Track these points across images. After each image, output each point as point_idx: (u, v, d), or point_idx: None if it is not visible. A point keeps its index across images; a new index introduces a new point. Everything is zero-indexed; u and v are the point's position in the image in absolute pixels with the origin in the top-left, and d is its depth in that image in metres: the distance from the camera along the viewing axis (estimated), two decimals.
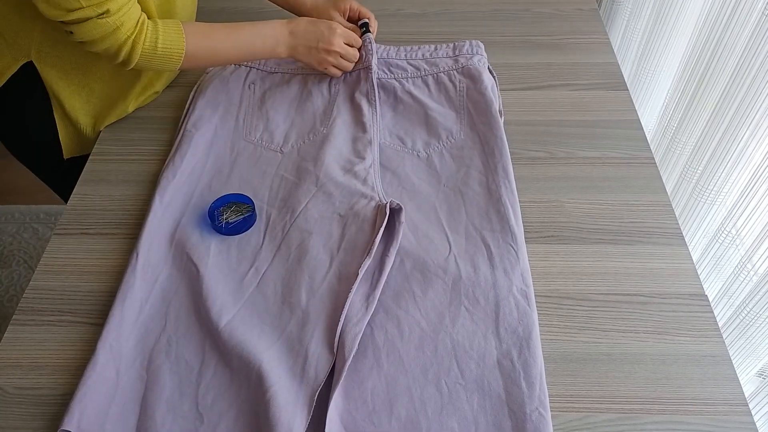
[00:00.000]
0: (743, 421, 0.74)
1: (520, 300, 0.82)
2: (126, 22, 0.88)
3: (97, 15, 0.85)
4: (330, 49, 1.03)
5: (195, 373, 0.78)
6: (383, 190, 0.95)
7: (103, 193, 1.00)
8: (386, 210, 0.89)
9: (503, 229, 0.89)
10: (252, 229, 0.92)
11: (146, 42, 0.91)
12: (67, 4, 0.83)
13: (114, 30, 0.87)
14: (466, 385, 0.76)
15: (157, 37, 0.92)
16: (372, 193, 0.93)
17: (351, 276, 0.84)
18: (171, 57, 0.94)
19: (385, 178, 0.98)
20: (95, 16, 0.85)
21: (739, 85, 0.95)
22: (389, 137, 1.04)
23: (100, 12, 0.85)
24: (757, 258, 0.93)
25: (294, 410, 0.72)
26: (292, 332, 0.80)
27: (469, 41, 1.14)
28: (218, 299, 0.82)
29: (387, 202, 0.90)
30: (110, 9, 0.85)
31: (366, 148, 0.99)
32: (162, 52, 0.93)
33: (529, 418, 0.73)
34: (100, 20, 0.86)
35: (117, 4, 0.86)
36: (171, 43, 0.93)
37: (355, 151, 1.00)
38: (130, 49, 0.90)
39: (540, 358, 0.77)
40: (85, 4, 0.83)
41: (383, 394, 0.75)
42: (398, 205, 0.90)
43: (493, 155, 0.98)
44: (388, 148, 1.01)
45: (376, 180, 0.96)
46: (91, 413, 0.73)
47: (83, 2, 0.83)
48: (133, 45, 0.90)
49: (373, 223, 0.89)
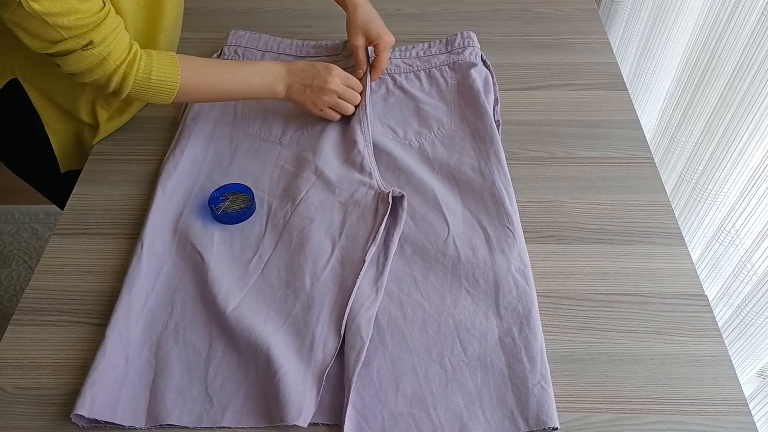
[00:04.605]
0: (743, 421, 0.74)
1: (518, 279, 0.84)
2: (114, 52, 0.85)
3: (82, 47, 0.82)
4: (325, 87, 0.98)
5: (203, 357, 0.79)
6: (381, 177, 0.97)
7: (103, 193, 1.00)
8: (389, 199, 0.90)
9: (498, 212, 0.91)
10: (254, 217, 0.93)
11: (139, 72, 0.88)
12: (48, 36, 0.80)
13: (101, 61, 0.84)
14: (470, 363, 0.78)
15: (150, 68, 0.89)
16: (370, 181, 0.95)
17: (355, 261, 0.86)
18: (164, 89, 0.91)
19: (381, 163, 0.99)
20: (80, 48, 0.82)
21: (739, 85, 0.95)
22: (381, 127, 1.05)
23: (84, 43, 0.82)
24: (756, 258, 0.93)
25: (303, 390, 0.74)
26: (297, 316, 0.82)
27: (461, 33, 1.15)
28: (224, 286, 0.84)
29: (389, 191, 0.92)
30: (93, 40, 0.82)
31: (360, 140, 1.01)
32: (156, 83, 0.90)
33: (531, 391, 0.75)
34: (85, 52, 0.83)
35: (101, 35, 0.83)
36: (165, 74, 0.90)
37: (351, 141, 1.01)
38: (121, 79, 0.87)
39: (540, 334, 0.79)
40: (67, 36, 0.80)
41: (389, 373, 0.77)
42: (400, 193, 0.92)
43: (483, 142, 1.00)
44: (381, 137, 1.03)
45: (373, 168, 0.97)
46: (103, 398, 0.74)
47: (65, 33, 0.80)
48: (124, 75, 0.87)
49: (374, 211, 0.91)
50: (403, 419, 0.74)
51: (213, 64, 0.98)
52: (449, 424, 0.73)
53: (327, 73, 0.99)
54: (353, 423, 0.73)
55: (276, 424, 0.73)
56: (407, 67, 1.14)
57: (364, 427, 0.73)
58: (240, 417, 0.75)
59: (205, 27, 1.30)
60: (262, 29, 1.20)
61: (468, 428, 0.73)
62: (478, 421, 0.73)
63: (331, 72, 0.99)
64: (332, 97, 1.00)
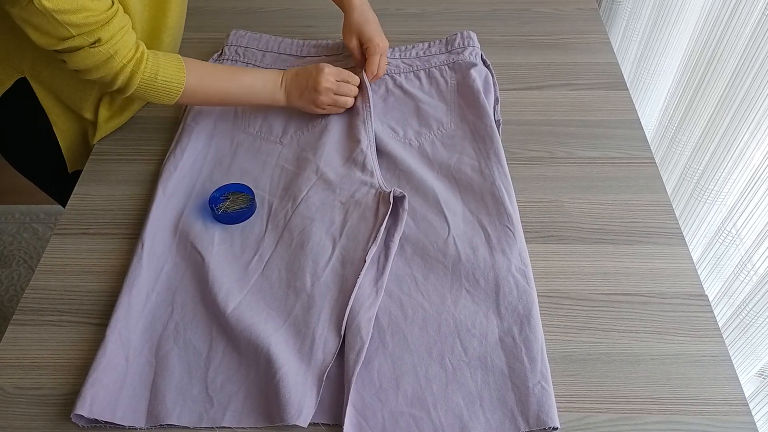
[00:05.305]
0: (743, 421, 0.74)
1: (519, 279, 0.84)
2: (120, 50, 0.86)
3: (89, 44, 0.83)
4: (319, 87, 0.99)
5: (203, 357, 0.79)
6: (382, 176, 0.97)
7: (103, 193, 1.00)
8: (390, 199, 0.90)
9: (499, 212, 0.91)
10: (254, 217, 0.93)
11: (146, 72, 0.89)
12: (57, 32, 0.80)
13: (108, 59, 0.85)
14: (470, 362, 0.78)
15: (157, 69, 0.90)
16: (372, 180, 0.95)
17: (355, 261, 0.86)
18: (170, 89, 0.92)
19: (381, 163, 0.99)
20: (87, 45, 0.83)
21: (740, 85, 0.95)
22: (381, 126, 1.05)
23: (92, 41, 0.83)
24: (757, 258, 0.93)
25: (303, 390, 0.74)
26: (298, 316, 0.82)
27: (461, 33, 1.15)
28: (224, 286, 0.84)
29: (390, 191, 0.92)
30: (101, 38, 0.83)
31: (363, 138, 1.01)
32: (162, 84, 0.91)
33: (532, 391, 0.75)
34: (92, 49, 0.83)
35: (108, 33, 0.83)
36: (171, 75, 0.92)
37: (354, 140, 1.01)
38: (127, 78, 0.88)
39: (540, 334, 0.79)
40: (76, 33, 0.81)
41: (389, 373, 0.77)
42: (401, 194, 0.92)
43: (483, 142, 1.00)
44: (381, 137, 1.03)
45: (375, 167, 0.97)
46: (103, 398, 0.75)
47: (73, 30, 0.80)
48: (131, 74, 0.88)
49: (375, 210, 0.91)
50: (403, 419, 0.74)
51: (218, 69, 0.99)
52: (449, 424, 0.73)
53: (318, 73, 0.99)
54: (353, 423, 0.73)
55: (276, 424, 0.73)
56: (407, 66, 1.14)
57: (364, 426, 0.74)
58: (240, 417, 0.75)
59: (206, 27, 1.30)
60: (262, 29, 1.20)
61: (468, 428, 0.73)
62: (479, 421, 0.73)
63: (321, 71, 1.00)
64: (328, 95, 1.01)
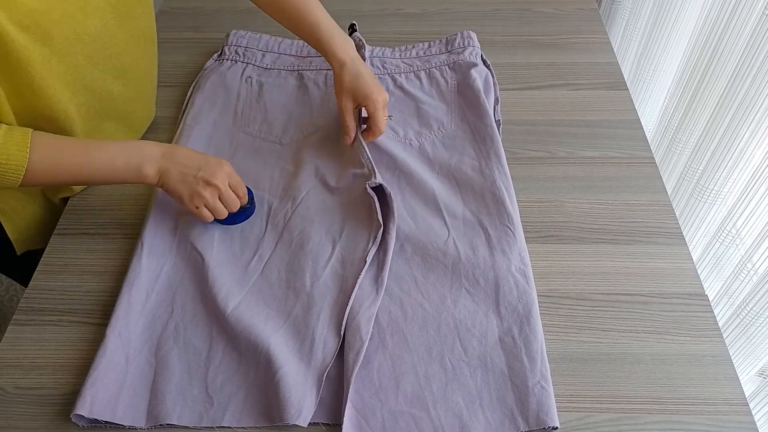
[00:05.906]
0: (743, 421, 0.74)
1: (519, 279, 0.84)
2: None
3: None
4: (210, 182, 0.84)
5: (203, 357, 0.79)
6: (381, 177, 0.96)
7: (103, 193, 1.00)
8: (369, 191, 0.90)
9: (499, 212, 0.91)
10: (254, 217, 0.93)
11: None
12: None
13: None
14: (470, 362, 0.78)
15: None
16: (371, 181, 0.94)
17: (355, 261, 0.86)
18: (6, 172, 0.77)
19: (381, 163, 0.99)
20: None
21: (740, 85, 0.95)
22: None
23: None
24: (757, 258, 0.93)
25: (303, 390, 0.74)
26: (297, 316, 0.82)
27: (461, 33, 1.16)
28: (224, 286, 0.84)
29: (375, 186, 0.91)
30: None
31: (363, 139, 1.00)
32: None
33: (531, 391, 0.75)
34: None
35: None
36: (10, 156, 0.76)
37: None
38: None
39: (540, 334, 0.79)
40: None
41: (389, 372, 0.77)
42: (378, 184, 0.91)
43: (484, 142, 1.01)
44: (382, 137, 1.02)
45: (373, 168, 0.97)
46: (103, 398, 0.75)
47: None
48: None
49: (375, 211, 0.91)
50: (403, 418, 0.74)
51: (71, 144, 0.83)
52: (449, 424, 0.73)
53: (218, 167, 0.86)
54: (353, 422, 0.73)
55: (276, 424, 0.73)
56: (407, 66, 1.14)
57: (364, 426, 0.74)
58: (240, 417, 0.75)
59: (205, 27, 1.30)
60: (262, 29, 1.20)
61: (468, 427, 0.73)
62: (478, 421, 0.73)
63: (222, 167, 0.86)
64: (213, 195, 0.86)
